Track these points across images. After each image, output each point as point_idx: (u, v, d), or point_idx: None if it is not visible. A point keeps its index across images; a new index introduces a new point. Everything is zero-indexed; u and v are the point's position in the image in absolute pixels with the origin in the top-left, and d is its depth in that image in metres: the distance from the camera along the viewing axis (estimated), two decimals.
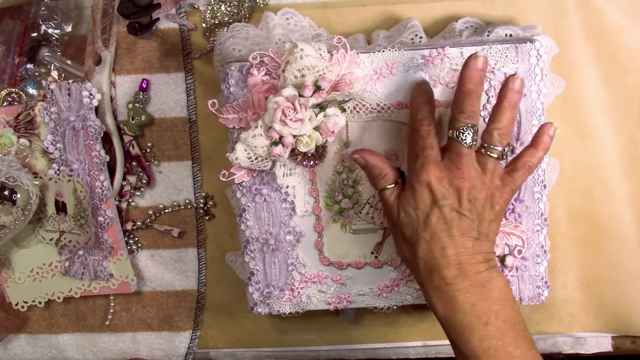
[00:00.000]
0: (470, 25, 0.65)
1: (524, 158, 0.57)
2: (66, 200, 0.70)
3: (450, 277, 0.53)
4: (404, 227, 0.56)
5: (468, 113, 0.55)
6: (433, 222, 0.54)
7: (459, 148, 0.54)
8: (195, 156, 0.72)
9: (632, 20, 0.66)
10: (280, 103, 0.57)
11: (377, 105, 0.62)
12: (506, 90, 0.56)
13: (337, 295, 0.67)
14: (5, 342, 0.77)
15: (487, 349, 0.51)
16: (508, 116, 0.56)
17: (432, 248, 0.54)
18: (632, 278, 0.70)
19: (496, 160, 0.56)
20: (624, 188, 0.69)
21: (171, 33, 0.70)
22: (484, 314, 0.52)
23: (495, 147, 0.55)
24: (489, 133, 0.56)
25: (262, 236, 0.65)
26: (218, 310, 0.75)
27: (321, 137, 0.59)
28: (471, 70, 0.56)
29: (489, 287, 0.53)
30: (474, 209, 0.54)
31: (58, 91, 0.67)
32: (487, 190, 0.55)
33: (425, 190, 0.55)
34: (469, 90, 0.55)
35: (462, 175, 0.54)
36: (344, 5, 0.68)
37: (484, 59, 0.56)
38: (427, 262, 0.54)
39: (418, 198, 0.55)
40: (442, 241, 0.54)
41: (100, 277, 0.72)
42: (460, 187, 0.54)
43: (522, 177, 0.57)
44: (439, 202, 0.54)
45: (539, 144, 0.57)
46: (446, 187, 0.54)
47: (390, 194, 0.58)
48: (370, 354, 0.75)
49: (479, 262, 0.54)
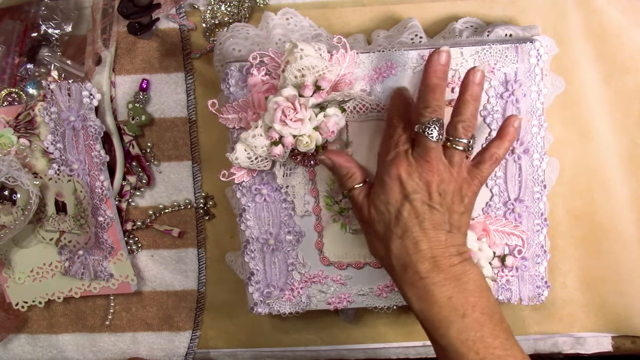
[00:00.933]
0: (470, 25, 0.65)
1: (491, 150, 0.58)
2: (66, 200, 0.70)
3: (425, 271, 0.53)
4: (376, 224, 0.56)
5: (433, 107, 0.55)
6: (405, 217, 0.54)
7: (426, 142, 0.55)
8: (195, 156, 0.72)
9: (632, 20, 0.66)
10: (280, 103, 0.57)
11: (377, 105, 0.62)
12: (467, 83, 0.57)
13: (337, 295, 0.67)
14: (5, 342, 0.77)
15: (465, 341, 0.51)
16: (471, 109, 0.56)
17: (405, 243, 0.54)
18: (632, 278, 0.70)
19: (462, 152, 0.56)
20: (624, 188, 0.69)
21: (171, 33, 0.70)
22: (461, 306, 0.52)
23: (461, 140, 0.56)
24: (454, 126, 0.56)
25: (262, 236, 0.65)
26: (218, 310, 0.75)
27: (321, 137, 0.59)
28: (434, 64, 0.56)
29: (464, 280, 0.53)
30: (444, 202, 0.55)
31: (58, 91, 0.67)
32: (455, 183, 0.55)
33: (396, 184, 0.55)
34: (432, 85, 0.56)
35: (430, 168, 0.54)
36: (344, 5, 0.68)
37: (447, 54, 0.57)
38: (400, 257, 0.54)
39: (389, 192, 0.55)
40: (414, 235, 0.54)
41: (100, 277, 0.72)
42: (429, 181, 0.54)
43: (489, 168, 0.57)
44: (410, 195, 0.54)
45: (504, 136, 0.58)
46: (416, 180, 0.54)
47: (359, 193, 0.58)
48: (370, 354, 0.75)
49: (453, 255, 0.54)
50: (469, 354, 0.51)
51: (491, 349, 0.51)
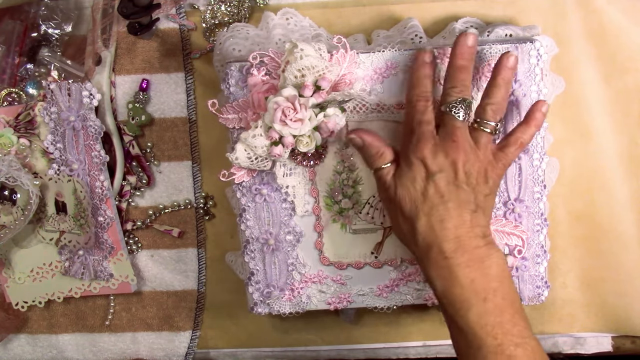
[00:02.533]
0: (470, 25, 0.65)
1: (517, 134, 0.58)
2: (66, 200, 0.70)
3: (449, 251, 0.53)
4: (403, 202, 0.56)
5: (460, 87, 0.56)
6: (430, 195, 0.54)
7: (452, 122, 0.55)
8: (195, 156, 0.72)
9: (632, 20, 0.66)
10: (280, 103, 0.57)
11: (377, 105, 0.62)
12: (500, 67, 0.57)
13: (337, 295, 0.67)
14: (5, 342, 0.77)
15: (484, 326, 0.51)
16: (502, 92, 0.57)
17: (430, 221, 0.54)
18: (632, 278, 0.70)
19: (489, 135, 0.56)
20: (624, 188, 0.69)
21: (171, 33, 0.70)
22: (483, 290, 0.52)
23: (489, 122, 0.56)
24: (483, 108, 0.57)
25: (262, 236, 0.65)
26: (218, 310, 0.75)
27: (321, 137, 0.59)
28: (462, 47, 0.57)
29: (487, 263, 0.53)
30: (469, 181, 0.55)
31: (58, 91, 0.67)
32: (480, 164, 0.56)
33: (421, 164, 0.55)
34: (460, 66, 0.57)
35: (457, 148, 0.55)
36: (344, 5, 0.68)
37: (474, 36, 0.57)
38: (425, 236, 0.54)
39: (415, 171, 0.55)
40: (440, 214, 0.54)
41: (100, 277, 0.72)
42: (455, 160, 0.55)
43: (514, 153, 0.57)
44: (436, 174, 0.54)
45: (531, 121, 0.58)
46: (442, 160, 0.55)
47: (387, 173, 0.58)
48: (370, 354, 0.75)
49: (478, 236, 0.54)
50: (487, 339, 0.51)
51: (509, 336, 0.51)
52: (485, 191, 0.56)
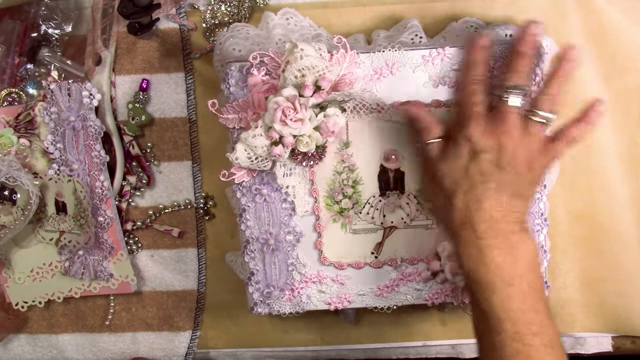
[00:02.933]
0: (470, 25, 0.65)
1: (569, 130, 0.58)
2: (66, 200, 0.70)
3: (482, 231, 0.54)
4: (445, 178, 0.56)
5: (520, 74, 0.56)
6: (472, 173, 0.55)
7: (506, 106, 0.55)
8: (195, 156, 0.72)
9: (632, 20, 0.66)
10: (280, 103, 0.57)
11: (377, 105, 0.62)
12: (562, 60, 0.57)
13: (337, 295, 0.67)
14: (5, 342, 0.77)
15: (507, 310, 0.52)
16: (559, 84, 0.57)
17: (467, 199, 0.55)
18: (632, 278, 0.70)
19: (541, 125, 0.56)
20: (624, 188, 0.69)
21: (171, 33, 0.70)
22: (509, 275, 0.53)
23: (543, 113, 0.56)
24: (538, 98, 0.57)
25: (262, 236, 0.65)
26: (218, 310, 0.75)
27: (321, 137, 0.59)
28: (526, 34, 0.57)
29: (519, 250, 0.53)
30: (512, 166, 0.55)
31: (58, 91, 0.67)
32: (527, 152, 0.56)
33: (467, 142, 0.55)
34: (522, 52, 0.57)
35: (506, 132, 0.55)
36: (344, 5, 0.68)
37: (539, 26, 0.57)
38: (461, 213, 0.55)
39: (461, 149, 0.56)
40: (478, 193, 0.54)
41: (100, 277, 0.72)
42: (502, 143, 0.55)
43: (563, 147, 0.57)
44: (480, 154, 0.55)
45: (584, 118, 0.58)
46: (489, 141, 0.55)
47: (434, 148, 0.58)
48: (370, 353, 0.75)
49: (513, 221, 0.54)
50: (507, 324, 0.52)
51: (529, 324, 0.52)
52: (527, 178, 0.56)
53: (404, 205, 0.64)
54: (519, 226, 0.55)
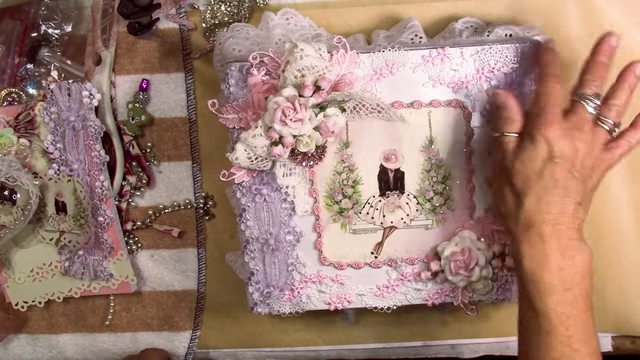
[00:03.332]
0: (470, 25, 0.65)
1: (626, 137, 0.58)
2: (66, 200, 0.70)
3: (547, 235, 0.55)
4: (516, 176, 0.57)
5: (598, 82, 0.57)
6: (546, 177, 0.55)
7: (583, 112, 0.56)
8: (195, 156, 0.72)
9: (632, 20, 0.66)
10: (280, 103, 0.57)
11: (377, 105, 0.62)
12: (629, 73, 0.58)
13: (336, 295, 0.67)
14: (5, 342, 0.77)
15: (560, 314, 0.54)
16: (627, 96, 0.58)
17: (539, 202, 0.55)
18: (631, 278, 0.70)
19: (607, 133, 0.57)
20: (624, 188, 0.69)
21: (171, 33, 0.70)
22: (568, 280, 0.54)
23: (610, 121, 0.57)
24: (608, 107, 0.57)
25: (262, 236, 0.65)
26: (218, 310, 0.75)
27: (321, 137, 0.59)
28: (605, 45, 0.58)
29: (577, 257, 0.55)
30: (582, 173, 0.56)
31: (58, 91, 0.67)
32: (593, 160, 0.57)
33: (545, 143, 0.56)
34: (601, 62, 0.58)
35: (581, 138, 0.56)
36: (344, 5, 0.68)
37: (617, 37, 0.58)
38: (530, 215, 0.56)
39: (538, 149, 0.56)
40: (549, 198, 0.55)
41: (100, 277, 0.72)
42: (578, 149, 0.55)
43: (620, 155, 0.58)
44: (556, 159, 0.55)
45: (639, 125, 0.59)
46: (566, 145, 0.55)
47: (510, 141, 0.58)
48: (370, 353, 0.75)
49: (575, 228, 0.56)
50: (560, 327, 0.53)
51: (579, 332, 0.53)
52: (590, 186, 0.57)
53: (403, 205, 0.64)
54: (578, 233, 0.56)
